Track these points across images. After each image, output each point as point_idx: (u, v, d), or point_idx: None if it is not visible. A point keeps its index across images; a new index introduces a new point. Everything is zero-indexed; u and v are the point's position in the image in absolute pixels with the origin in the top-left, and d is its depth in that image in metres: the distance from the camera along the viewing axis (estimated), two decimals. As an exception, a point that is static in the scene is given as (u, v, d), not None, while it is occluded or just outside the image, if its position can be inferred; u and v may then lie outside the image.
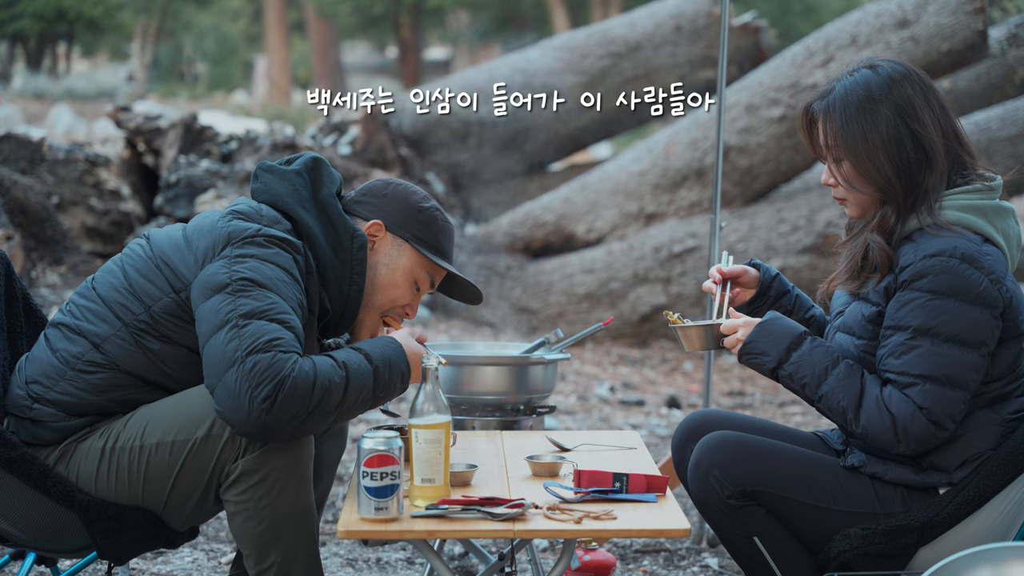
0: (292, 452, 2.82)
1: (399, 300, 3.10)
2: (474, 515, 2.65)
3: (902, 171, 2.88)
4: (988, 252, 2.84)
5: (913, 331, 2.81)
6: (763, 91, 8.35)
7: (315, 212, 3.01)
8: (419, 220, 3.10)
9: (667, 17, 9.52)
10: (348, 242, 3.01)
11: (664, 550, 4.45)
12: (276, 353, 2.73)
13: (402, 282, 3.09)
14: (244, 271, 2.82)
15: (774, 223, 8.19)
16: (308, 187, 3.04)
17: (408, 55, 27.59)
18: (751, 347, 2.94)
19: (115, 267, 2.98)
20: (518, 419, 3.67)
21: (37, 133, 8.59)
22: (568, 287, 8.33)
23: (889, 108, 2.88)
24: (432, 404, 2.74)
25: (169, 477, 2.85)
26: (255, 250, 2.86)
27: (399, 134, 9.61)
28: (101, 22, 24.29)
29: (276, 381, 2.71)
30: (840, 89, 2.93)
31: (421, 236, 3.09)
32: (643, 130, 13.82)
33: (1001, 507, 2.85)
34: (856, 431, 2.86)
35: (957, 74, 8.78)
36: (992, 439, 2.88)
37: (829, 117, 2.93)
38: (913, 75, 2.92)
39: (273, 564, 2.84)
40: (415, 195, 3.12)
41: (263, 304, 2.79)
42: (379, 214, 3.09)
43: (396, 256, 3.08)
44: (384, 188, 3.13)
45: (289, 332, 2.78)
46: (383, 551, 4.37)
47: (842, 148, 2.91)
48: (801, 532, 2.91)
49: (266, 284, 2.81)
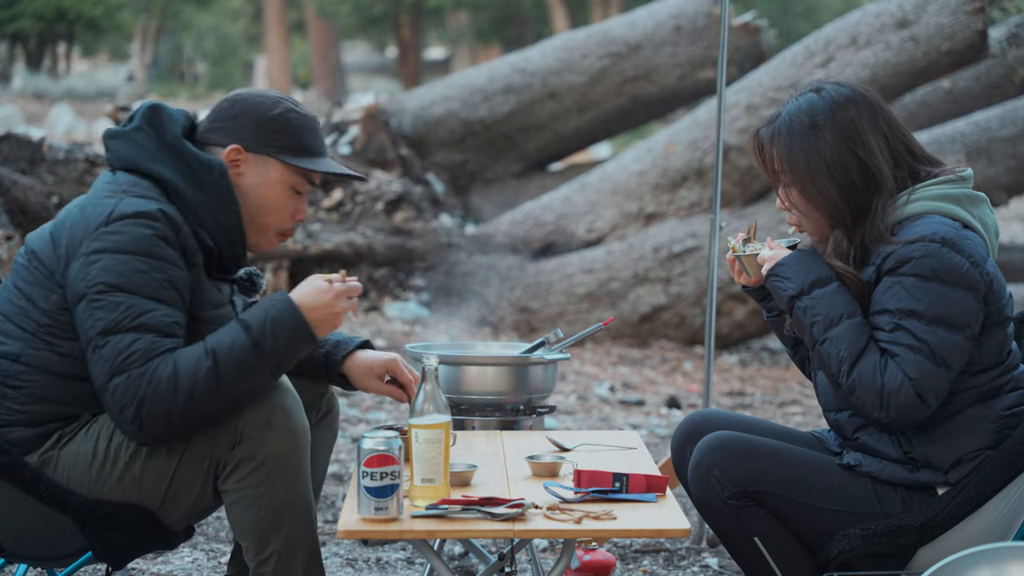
0: (289, 439, 2.82)
1: (283, 213, 3.03)
2: (474, 515, 2.65)
3: (848, 194, 2.90)
4: (968, 236, 2.87)
5: (897, 312, 2.83)
6: (763, 91, 8.34)
7: (167, 160, 2.94)
8: (274, 130, 2.99)
9: (667, 17, 9.52)
10: (208, 175, 2.93)
11: (664, 550, 4.45)
12: (130, 372, 2.74)
13: (280, 197, 3.01)
14: (97, 275, 2.80)
15: (774, 223, 8.18)
16: (153, 138, 2.96)
17: (408, 55, 27.61)
18: (780, 269, 2.95)
19: (7, 283, 2.98)
20: (518, 419, 3.67)
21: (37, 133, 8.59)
22: (568, 287, 8.33)
23: (832, 132, 2.91)
24: (432, 404, 2.74)
25: (167, 472, 2.85)
26: (107, 241, 2.81)
27: (399, 134, 9.61)
28: (101, 22, 24.29)
29: (136, 402, 2.74)
30: (785, 114, 2.96)
31: (282, 145, 2.99)
32: (643, 130, 13.83)
33: (1000, 507, 2.85)
34: (844, 383, 2.85)
35: (957, 74, 8.78)
36: (986, 436, 2.89)
37: (775, 143, 2.96)
38: (858, 97, 2.94)
39: (273, 554, 2.83)
40: (263, 104, 3.01)
41: (116, 315, 2.77)
42: (234, 137, 2.99)
43: (265, 174, 2.99)
44: (232, 108, 3.02)
45: (147, 335, 2.76)
46: (383, 551, 4.37)
47: (788, 173, 2.94)
48: (801, 532, 2.91)
49: (120, 285, 2.79)
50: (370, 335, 7.78)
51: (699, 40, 9.37)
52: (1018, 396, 2.93)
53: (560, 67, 9.60)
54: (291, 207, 3.03)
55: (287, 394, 2.87)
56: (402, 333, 7.89)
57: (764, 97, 8.30)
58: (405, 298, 8.44)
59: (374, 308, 8.36)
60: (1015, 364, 2.95)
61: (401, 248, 8.54)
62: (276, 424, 2.82)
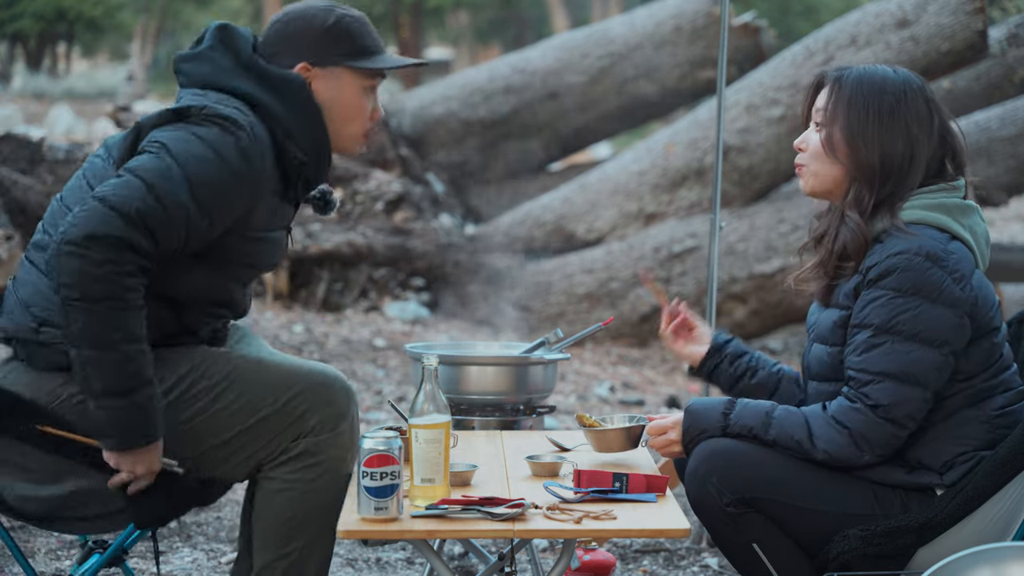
0: (349, 448, 2.89)
1: (364, 115, 3.05)
2: (474, 515, 2.65)
3: (885, 160, 2.91)
4: (953, 251, 2.86)
5: (875, 329, 2.83)
6: (763, 91, 8.34)
7: (246, 77, 2.94)
8: (334, 38, 3.00)
9: (667, 17, 9.51)
10: (289, 90, 2.94)
11: (664, 550, 4.45)
12: (102, 219, 2.69)
13: (356, 104, 3.03)
14: (160, 138, 2.79)
15: (774, 223, 8.18)
16: (229, 57, 2.96)
17: (408, 55, 27.58)
18: (690, 432, 2.94)
19: (79, 176, 2.96)
20: (518, 419, 3.67)
21: (37, 133, 8.59)
22: (568, 287, 8.33)
23: (898, 103, 2.91)
24: (432, 404, 2.74)
25: (222, 435, 2.87)
26: (186, 129, 2.81)
27: (399, 134, 9.61)
28: (101, 22, 24.30)
29: (84, 234, 2.68)
30: (859, 69, 2.97)
31: (346, 51, 3.01)
32: (643, 130, 13.82)
33: (997, 507, 2.85)
34: (819, 457, 2.86)
35: (957, 74, 8.78)
36: (979, 437, 2.89)
37: (840, 85, 2.95)
38: (927, 92, 2.96)
39: (294, 550, 2.86)
40: (316, 17, 3.01)
41: (151, 172, 2.74)
42: (299, 55, 3.00)
43: (337, 86, 3.01)
44: (287, 27, 3.02)
45: (150, 201, 2.72)
46: (383, 551, 4.38)
47: (840, 114, 2.92)
48: (800, 536, 2.91)
49: (175, 154, 2.76)
50: (370, 335, 7.79)
51: (699, 40, 9.37)
52: (1009, 396, 2.93)
53: (560, 67, 9.60)
54: (368, 108, 3.05)
55: (356, 406, 2.95)
56: (402, 333, 7.89)
57: (764, 97, 8.30)
58: (405, 298, 8.44)
59: (374, 308, 8.36)
60: (1006, 366, 2.95)
61: (401, 248, 8.54)
62: (345, 432, 2.89)
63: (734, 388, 3.18)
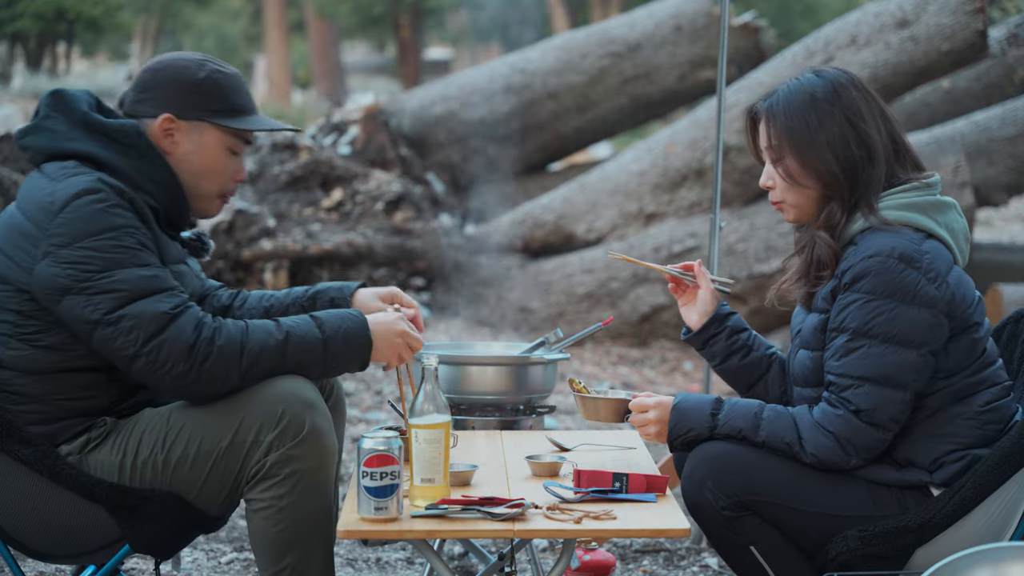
0: (320, 456, 2.84)
1: (223, 175, 3.04)
2: (474, 515, 2.65)
3: (847, 167, 2.91)
4: (927, 251, 2.85)
5: (852, 332, 2.84)
6: (763, 91, 8.32)
7: (83, 136, 2.93)
8: (202, 93, 2.99)
9: (667, 17, 9.51)
10: (126, 139, 2.93)
11: (664, 550, 4.45)
12: (170, 331, 2.78)
13: (217, 161, 3.02)
14: (73, 266, 2.79)
15: (774, 223, 8.18)
16: (63, 121, 2.96)
17: (408, 55, 27.58)
18: (677, 430, 2.94)
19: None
20: (518, 419, 3.67)
21: (37, 133, 8.55)
22: (568, 287, 8.33)
23: (834, 107, 2.91)
24: (432, 404, 2.74)
25: (196, 484, 2.87)
26: (64, 233, 2.80)
27: (399, 134, 9.61)
28: (101, 22, 24.27)
29: (192, 358, 2.79)
30: (784, 89, 2.98)
31: (213, 108, 3.00)
32: (643, 130, 13.82)
33: (994, 507, 2.85)
34: (807, 460, 2.87)
35: (957, 74, 8.78)
36: (967, 434, 2.89)
37: (772, 116, 2.96)
38: (857, 82, 2.97)
39: (288, 566, 2.84)
40: (187, 69, 3.00)
41: (118, 292, 2.78)
42: (163, 106, 2.99)
43: (200, 140, 3.00)
44: (155, 77, 3.01)
45: (161, 294, 2.80)
46: (383, 551, 4.38)
47: (785, 143, 2.93)
48: (797, 538, 2.91)
49: (104, 268, 2.79)
50: (370, 335, 7.77)
51: (699, 40, 9.37)
52: (995, 392, 2.93)
53: (560, 67, 9.60)
54: (230, 168, 3.05)
55: (320, 413, 2.88)
56: (402, 333, 7.88)
57: (764, 97, 8.30)
58: (405, 298, 8.43)
59: (374, 308, 8.35)
60: (990, 361, 2.95)
61: (401, 248, 8.54)
62: (308, 440, 2.84)
63: (724, 363, 3.16)
